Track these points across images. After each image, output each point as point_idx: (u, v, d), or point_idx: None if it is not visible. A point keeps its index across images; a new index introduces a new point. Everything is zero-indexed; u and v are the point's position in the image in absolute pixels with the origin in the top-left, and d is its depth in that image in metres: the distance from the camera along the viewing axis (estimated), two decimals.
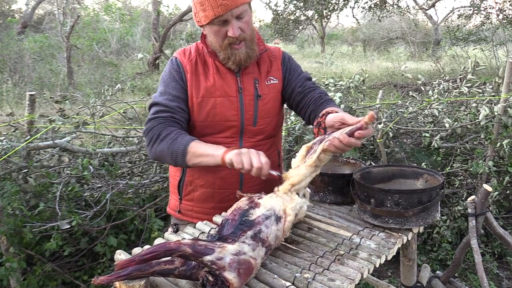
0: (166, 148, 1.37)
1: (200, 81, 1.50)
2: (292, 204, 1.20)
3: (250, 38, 1.46)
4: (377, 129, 2.87)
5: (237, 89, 1.52)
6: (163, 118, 1.43)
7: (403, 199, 1.29)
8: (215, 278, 0.93)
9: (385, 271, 2.93)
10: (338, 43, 22.08)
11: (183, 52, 1.57)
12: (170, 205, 1.69)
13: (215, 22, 1.39)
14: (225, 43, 1.42)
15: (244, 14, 1.41)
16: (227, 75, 1.52)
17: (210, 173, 1.53)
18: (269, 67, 1.60)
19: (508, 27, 10.96)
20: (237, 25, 1.40)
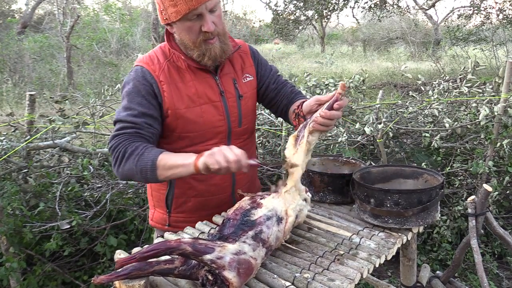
0: (134, 166, 1.27)
1: (181, 91, 1.40)
2: (293, 205, 1.20)
3: (223, 33, 1.40)
4: (377, 129, 2.87)
5: (219, 92, 1.45)
6: (128, 134, 1.32)
7: (403, 199, 1.29)
8: (215, 277, 0.93)
9: (385, 271, 2.93)
10: (338, 43, 22.07)
11: (149, 60, 1.42)
12: (155, 219, 1.58)
13: (189, 17, 1.30)
14: (200, 39, 1.34)
15: (216, 8, 1.34)
16: (206, 79, 1.44)
17: (202, 183, 1.48)
18: (242, 64, 1.55)
19: (508, 27, 10.96)
20: (211, 19, 1.33)
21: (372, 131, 2.81)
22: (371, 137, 3.00)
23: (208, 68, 1.43)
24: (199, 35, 1.34)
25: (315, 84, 3.41)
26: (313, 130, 1.26)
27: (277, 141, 3.18)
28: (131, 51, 13.54)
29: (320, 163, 1.73)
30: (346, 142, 2.90)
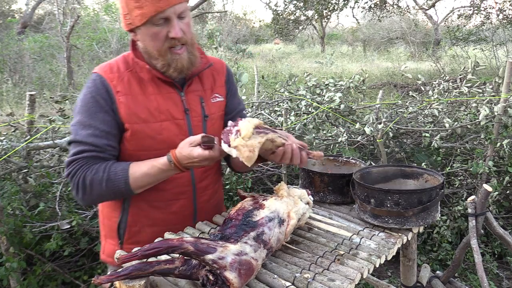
0: (104, 190, 1.19)
1: (140, 103, 1.27)
2: (296, 208, 1.20)
3: (191, 43, 1.29)
4: (377, 129, 2.87)
5: (183, 110, 1.33)
6: (86, 159, 1.22)
7: (403, 199, 1.29)
8: (216, 278, 0.93)
9: (385, 271, 2.93)
10: (338, 43, 22.08)
11: (108, 68, 1.30)
12: (106, 252, 1.42)
13: (154, 21, 1.20)
14: (165, 47, 1.24)
15: (185, 14, 1.24)
16: (170, 95, 1.32)
17: (159, 210, 1.35)
18: (212, 84, 1.44)
19: (508, 27, 10.96)
20: (179, 25, 1.23)
21: (372, 131, 2.81)
22: (371, 137, 3.00)
23: (174, 82, 1.33)
24: (165, 42, 1.23)
25: (315, 84, 3.41)
26: (275, 140, 1.19)
27: None
28: None
29: (320, 163, 1.73)
30: (346, 142, 2.90)
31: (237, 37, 21.48)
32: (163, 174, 1.23)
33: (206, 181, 1.43)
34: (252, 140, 1.12)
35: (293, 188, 1.30)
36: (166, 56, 1.25)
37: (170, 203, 1.35)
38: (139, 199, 1.32)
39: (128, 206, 1.35)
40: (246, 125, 1.13)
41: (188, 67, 1.30)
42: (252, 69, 9.13)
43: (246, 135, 1.11)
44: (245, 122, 1.14)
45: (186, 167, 1.20)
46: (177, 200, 1.36)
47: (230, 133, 1.15)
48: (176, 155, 1.19)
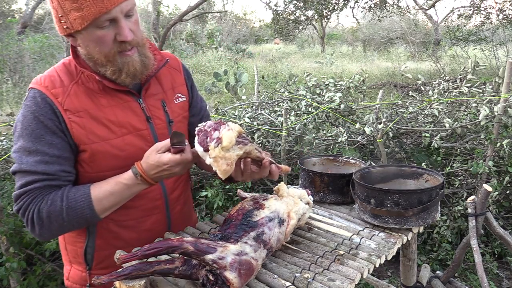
0: (67, 219, 1.06)
1: (94, 120, 1.12)
2: (296, 208, 1.20)
3: (142, 43, 1.14)
4: (377, 129, 2.87)
5: (145, 118, 1.20)
6: (38, 190, 1.06)
7: (403, 199, 1.29)
8: (216, 278, 0.93)
9: (385, 271, 2.93)
10: (338, 43, 22.08)
11: (49, 81, 1.11)
12: (72, 278, 1.29)
13: (99, 24, 1.03)
14: (113, 51, 1.07)
15: (133, 11, 1.09)
16: (128, 104, 1.17)
17: (130, 229, 1.23)
18: (172, 82, 1.30)
19: (508, 27, 10.96)
20: (128, 26, 1.07)
21: (372, 131, 2.81)
22: (371, 137, 3.00)
23: (128, 89, 1.17)
24: (113, 46, 1.07)
25: (315, 84, 3.41)
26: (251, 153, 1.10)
27: (277, 141, 3.18)
28: None
29: (320, 163, 1.73)
30: (346, 142, 2.90)
31: (237, 37, 21.49)
32: (130, 190, 1.10)
33: (178, 191, 1.33)
34: (231, 152, 1.01)
35: (293, 188, 1.30)
36: (115, 61, 1.09)
37: (142, 221, 1.23)
38: (106, 220, 1.19)
39: (95, 229, 1.21)
40: (229, 135, 1.01)
41: (142, 70, 1.15)
42: (252, 69, 9.12)
43: (227, 146, 1.00)
44: (228, 130, 1.02)
45: (155, 178, 1.08)
46: (149, 216, 1.25)
47: (208, 136, 1.02)
48: (142, 167, 1.07)
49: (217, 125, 1.03)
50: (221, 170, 1.00)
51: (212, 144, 1.00)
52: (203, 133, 1.03)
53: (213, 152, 0.99)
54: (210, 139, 1.01)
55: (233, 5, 48.16)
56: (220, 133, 1.01)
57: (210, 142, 1.01)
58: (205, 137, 1.02)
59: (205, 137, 1.02)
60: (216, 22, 20.22)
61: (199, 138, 1.03)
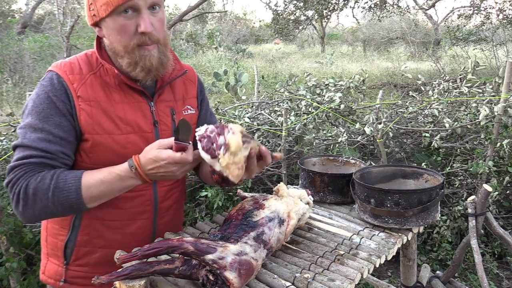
0: (51, 199, 1.01)
1: (103, 112, 1.13)
2: (296, 208, 1.20)
3: (164, 42, 1.15)
4: (377, 129, 2.87)
5: (152, 122, 1.20)
6: (32, 165, 1.04)
7: (403, 199, 1.29)
8: (216, 278, 0.93)
9: (385, 271, 2.93)
10: (338, 43, 22.09)
11: (69, 67, 1.14)
12: (47, 272, 1.26)
13: (121, 11, 1.06)
14: (133, 43, 1.09)
15: (158, 7, 1.11)
16: (139, 104, 1.18)
17: (114, 230, 1.20)
18: (184, 94, 1.31)
19: (508, 27, 10.97)
20: (150, 19, 1.09)
21: (372, 131, 2.81)
22: (371, 137, 3.00)
23: (143, 91, 1.19)
24: (133, 37, 1.08)
25: (315, 84, 3.41)
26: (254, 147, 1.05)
27: (277, 141, 3.18)
28: None
29: (320, 163, 1.73)
30: (346, 142, 2.91)
31: (237, 37, 21.49)
32: (122, 182, 1.05)
33: (169, 201, 1.30)
34: (239, 155, 0.99)
35: (293, 188, 1.30)
36: (133, 53, 1.10)
37: (128, 223, 1.21)
38: (93, 217, 1.18)
39: (79, 224, 1.18)
40: (236, 139, 0.98)
41: (158, 67, 1.14)
42: (252, 69, 9.12)
43: (235, 151, 0.97)
44: (233, 134, 0.99)
45: (150, 175, 1.04)
46: (135, 220, 1.22)
47: (214, 142, 0.99)
48: (139, 160, 1.03)
49: (220, 129, 1.00)
50: (234, 176, 0.98)
51: (220, 151, 0.97)
52: (206, 139, 0.99)
53: (224, 160, 0.96)
54: (217, 146, 0.98)
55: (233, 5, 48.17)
56: (226, 139, 0.98)
57: (217, 149, 0.97)
58: (210, 143, 0.99)
59: (210, 144, 0.99)
60: (216, 22, 20.23)
61: (203, 144, 0.99)
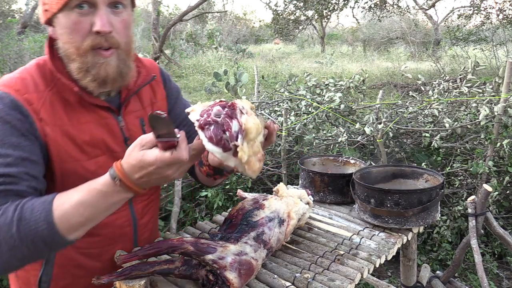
0: (17, 237, 0.77)
1: (68, 137, 0.95)
2: (296, 208, 1.20)
3: (126, 48, 0.97)
4: (377, 129, 2.87)
5: (122, 139, 1.04)
6: None
7: (403, 199, 1.29)
8: (216, 278, 0.93)
9: (385, 271, 2.93)
10: (338, 43, 22.09)
11: (21, 84, 0.92)
12: None
13: (75, 6, 0.89)
14: (86, 44, 0.91)
15: (121, 5, 0.94)
16: (105, 121, 1.01)
17: (92, 258, 1.06)
18: (152, 98, 1.14)
19: (508, 27, 10.96)
20: (110, 17, 0.92)
21: (372, 131, 2.81)
22: (371, 137, 3.00)
23: (107, 105, 1.01)
24: (87, 37, 0.91)
25: (315, 84, 3.41)
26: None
27: (277, 141, 3.18)
28: None
29: (320, 163, 1.73)
30: (346, 142, 2.91)
31: (237, 37, 21.49)
32: (107, 200, 0.82)
33: (148, 216, 1.18)
34: (257, 142, 0.80)
35: (293, 188, 1.30)
36: (85, 57, 0.92)
37: (107, 249, 1.08)
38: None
39: (54, 255, 1.02)
40: (253, 122, 0.78)
41: (115, 79, 0.95)
42: (252, 69, 9.12)
43: (254, 137, 0.78)
44: (249, 116, 0.79)
45: (142, 184, 0.81)
46: (115, 244, 1.10)
47: (226, 129, 0.78)
48: (122, 168, 0.80)
49: (230, 110, 0.79)
50: (254, 170, 0.79)
51: (238, 141, 0.76)
52: (214, 125, 0.78)
53: (244, 152, 0.76)
54: (231, 134, 0.77)
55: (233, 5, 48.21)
56: (240, 123, 0.77)
57: (232, 139, 0.76)
58: (221, 131, 0.77)
59: (220, 131, 0.77)
60: (216, 22, 20.23)
61: (210, 133, 0.78)
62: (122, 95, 1.06)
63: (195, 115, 0.81)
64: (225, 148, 0.78)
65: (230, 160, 0.79)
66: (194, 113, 0.82)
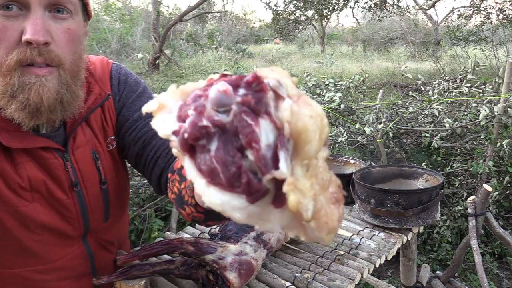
0: None
1: (1, 176, 0.76)
2: None
3: (71, 69, 0.74)
4: (377, 129, 2.87)
5: (69, 184, 0.82)
6: None
7: (403, 199, 1.29)
8: (216, 278, 0.93)
9: (385, 271, 2.93)
10: (338, 43, 22.09)
11: None
12: None
13: (2, 6, 0.67)
14: (12, 59, 0.67)
15: (65, 12, 0.72)
16: (45, 163, 0.79)
17: (42, 274, 0.86)
18: (103, 120, 0.88)
19: (508, 27, 10.96)
20: (47, 24, 0.69)
21: (372, 131, 2.81)
22: (371, 137, 3.00)
23: (48, 144, 0.78)
24: (14, 48, 0.68)
25: (315, 84, 3.41)
26: None
27: None
28: (131, 51, 13.56)
29: None
30: (346, 142, 2.91)
31: (237, 37, 21.49)
32: None
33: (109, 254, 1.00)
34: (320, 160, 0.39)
35: None
36: (10, 76, 0.68)
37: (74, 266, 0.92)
38: None
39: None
40: (310, 112, 0.34)
41: (52, 107, 0.71)
42: (252, 69, 9.12)
43: (316, 149, 0.35)
44: (293, 101, 0.34)
45: None
46: None
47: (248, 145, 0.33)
48: None
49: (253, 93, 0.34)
50: (331, 227, 0.36)
51: (283, 167, 0.33)
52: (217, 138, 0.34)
53: (303, 192, 0.33)
54: (259, 154, 0.33)
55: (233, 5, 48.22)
56: (278, 119, 0.34)
57: (267, 164, 0.33)
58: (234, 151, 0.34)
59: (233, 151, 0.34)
60: (216, 22, 20.24)
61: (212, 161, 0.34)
62: (68, 124, 0.82)
63: (166, 121, 0.38)
64: (253, 192, 0.33)
65: (268, 218, 0.35)
66: (164, 115, 0.39)
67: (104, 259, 0.97)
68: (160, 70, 11.06)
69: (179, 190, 0.70)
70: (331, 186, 0.38)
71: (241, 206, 0.33)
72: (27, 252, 0.83)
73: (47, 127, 0.80)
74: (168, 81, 7.66)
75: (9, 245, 0.81)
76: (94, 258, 0.94)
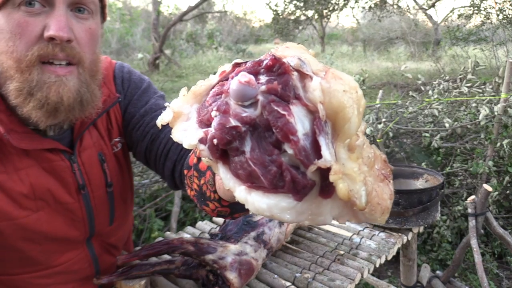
0: None
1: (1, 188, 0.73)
2: None
3: (90, 68, 0.74)
4: (377, 129, 2.87)
5: (76, 187, 0.82)
6: None
7: (403, 199, 1.30)
8: (216, 278, 0.93)
9: (385, 271, 2.93)
10: (338, 43, 22.09)
11: None
12: None
13: (22, 2, 0.66)
14: (32, 54, 0.66)
15: (87, 12, 0.73)
16: (51, 166, 0.77)
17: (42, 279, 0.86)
18: (108, 123, 0.88)
19: (508, 27, 10.96)
20: (70, 22, 0.69)
21: (372, 131, 2.81)
22: (371, 137, 3.00)
23: (56, 145, 0.77)
24: (35, 44, 0.66)
25: None
26: None
27: None
28: (131, 51, 13.56)
29: None
30: None
31: (237, 37, 21.49)
32: None
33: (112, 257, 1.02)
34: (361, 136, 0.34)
35: None
36: (29, 73, 0.66)
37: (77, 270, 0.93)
38: None
39: None
40: (343, 87, 0.30)
41: (72, 107, 0.71)
42: None
43: (355, 126, 0.30)
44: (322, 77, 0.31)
45: None
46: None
47: (284, 138, 0.30)
48: None
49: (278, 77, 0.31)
50: (384, 207, 0.35)
51: (327, 154, 0.30)
52: (249, 138, 0.31)
53: (352, 176, 0.30)
54: (299, 147, 0.30)
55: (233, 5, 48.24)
56: (309, 101, 0.31)
57: (308, 155, 0.30)
58: (270, 148, 0.31)
59: (269, 149, 0.31)
60: (216, 22, 20.24)
61: (250, 165, 0.31)
62: (76, 126, 0.81)
63: (186, 130, 0.35)
64: (299, 189, 0.31)
65: (318, 212, 0.32)
66: (182, 123, 0.36)
67: (108, 262, 0.98)
68: (160, 70, 11.06)
69: (199, 186, 0.66)
70: (376, 163, 0.34)
71: (289, 207, 0.31)
72: (30, 261, 0.82)
73: (55, 129, 0.79)
74: (168, 81, 7.66)
75: (11, 256, 0.80)
76: (98, 261, 0.96)
